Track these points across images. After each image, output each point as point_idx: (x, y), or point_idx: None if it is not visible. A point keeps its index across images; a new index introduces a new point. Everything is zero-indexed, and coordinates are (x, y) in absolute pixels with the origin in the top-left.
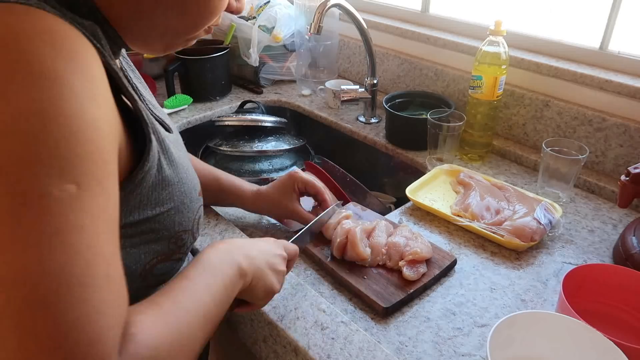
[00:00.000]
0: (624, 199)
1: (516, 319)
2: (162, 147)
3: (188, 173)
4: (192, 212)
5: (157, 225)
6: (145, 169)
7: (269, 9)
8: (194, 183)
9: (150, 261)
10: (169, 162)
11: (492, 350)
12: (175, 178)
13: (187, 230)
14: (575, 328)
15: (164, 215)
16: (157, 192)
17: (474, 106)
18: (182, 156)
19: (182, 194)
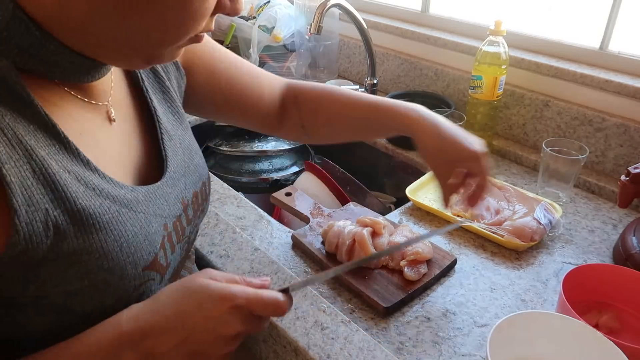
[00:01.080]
0: (624, 199)
1: (516, 319)
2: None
3: (131, 244)
4: (122, 290)
5: (63, 300)
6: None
7: (269, 9)
8: (136, 256)
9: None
10: (87, 233)
11: (492, 350)
12: (93, 253)
13: (115, 309)
14: (575, 328)
15: (73, 293)
16: (58, 268)
17: (474, 106)
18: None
19: (103, 271)
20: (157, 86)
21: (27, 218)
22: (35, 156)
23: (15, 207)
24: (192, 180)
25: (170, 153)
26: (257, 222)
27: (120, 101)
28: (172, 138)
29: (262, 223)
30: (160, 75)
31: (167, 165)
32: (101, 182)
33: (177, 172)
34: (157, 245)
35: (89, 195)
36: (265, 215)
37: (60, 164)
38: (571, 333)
